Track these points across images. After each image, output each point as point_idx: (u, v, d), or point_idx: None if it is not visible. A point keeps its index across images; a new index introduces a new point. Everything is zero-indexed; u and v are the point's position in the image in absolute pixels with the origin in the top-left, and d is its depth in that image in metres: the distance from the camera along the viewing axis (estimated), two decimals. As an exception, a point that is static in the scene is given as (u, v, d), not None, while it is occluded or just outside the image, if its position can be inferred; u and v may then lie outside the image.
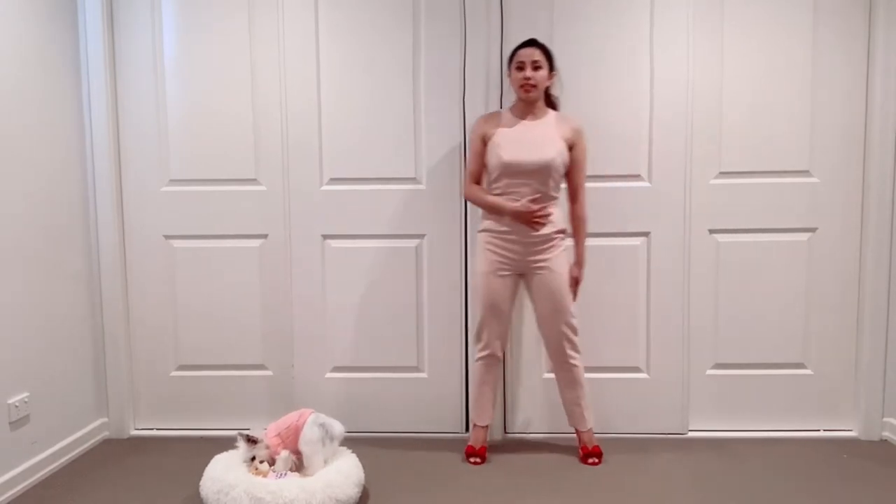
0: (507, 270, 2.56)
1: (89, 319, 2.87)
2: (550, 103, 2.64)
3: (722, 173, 2.85)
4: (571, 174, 2.58)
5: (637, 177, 2.85)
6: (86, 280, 2.85)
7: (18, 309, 2.45)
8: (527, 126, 2.54)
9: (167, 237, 2.95)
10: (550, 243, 2.53)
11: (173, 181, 2.93)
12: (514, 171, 2.48)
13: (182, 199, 2.94)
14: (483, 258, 2.59)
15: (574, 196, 2.62)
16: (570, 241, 2.68)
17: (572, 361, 2.60)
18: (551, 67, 2.56)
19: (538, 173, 2.48)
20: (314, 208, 2.91)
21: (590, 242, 2.87)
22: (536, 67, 2.51)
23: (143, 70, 2.89)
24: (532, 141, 2.50)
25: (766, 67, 2.81)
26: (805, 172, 2.85)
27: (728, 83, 2.83)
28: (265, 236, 2.94)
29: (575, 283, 2.60)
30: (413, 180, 2.89)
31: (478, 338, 2.66)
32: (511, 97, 2.68)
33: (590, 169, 2.85)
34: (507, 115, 2.59)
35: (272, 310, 2.96)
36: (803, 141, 2.83)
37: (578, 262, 2.62)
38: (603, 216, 2.84)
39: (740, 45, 2.81)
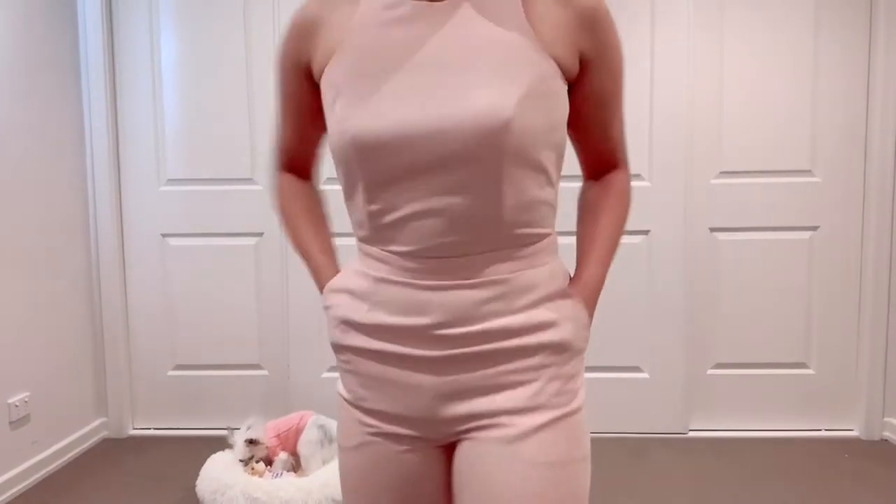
0: (407, 436, 0.91)
1: (88, 319, 2.88)
2: None
3: (723, 173, 2.83)
4: (589, 125, 0.94)
5: (637, 176, 2.83)
6: (85, 279, 2.86)
7: (19, 308, 2.46)
8: (429, 16, 0.84)
9: (164, 235, 2.96)
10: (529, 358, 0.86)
11: (171, 181, 2.94)
12: (392, 163, 0.82)
13: (179, 199, 2.94)
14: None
15: (605, 164, 0.99)
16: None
17: None
18: None
19: (468, 160, 0.80)
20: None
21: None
22: None
23: (141, 71, 2.89)
24: (445, 63, 0.81)
25: (767, 66, 2.79)
26: (806, 172, 2.82)
27: (728, 82, 2.80)
28: (261, 234, 2.94)
29: None
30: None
31: None
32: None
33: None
34: None
35: (268, 309, 2.96)
36: (804, 140, 2.81)
37: (591, 290, 0.92)
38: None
39: (741, 43, 2.79)
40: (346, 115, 0.82)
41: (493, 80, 0.79)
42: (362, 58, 0.83)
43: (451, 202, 0.81)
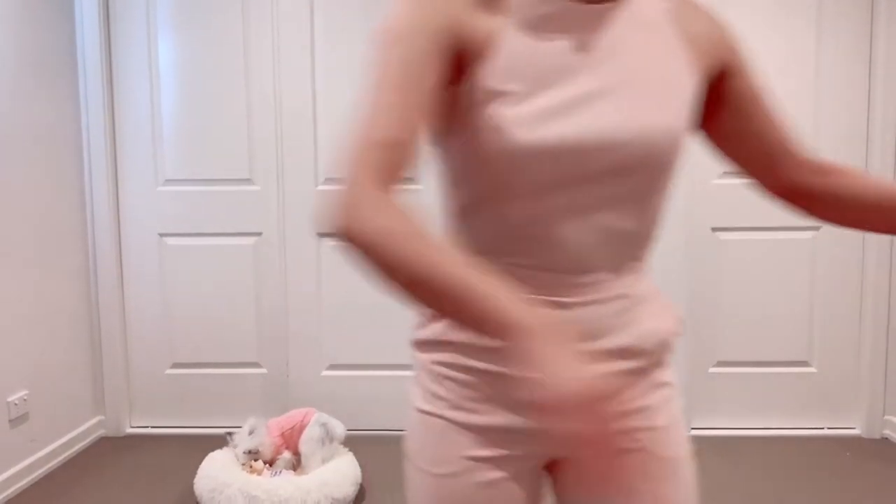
0: (514, 457, 0.82)
1: (86, 318, 2.88)
2: None
3: (725, 173, 2.83)
4: (760, 126, 0.89)
5: (636, 173, 2.82)
6: (82, 279, 2.86)
7: (17, 307, 2.46)
8: (588, 19, 0.76)
9: (162, 235, 2.96)
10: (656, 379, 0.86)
11: (168, 181, 2.93)
12: (558, 173, 0.75)
13: (177, 199, 2.94)
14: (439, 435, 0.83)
15: (795, 156, 0.90)
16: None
17: None
18: None
19: (639, 172, 0.78)
20: (310, 207, 2.90)
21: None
22: None
23: (138, 70, 2.89)
24: (614, 72, 0.77)
25: (769, 65, 2.78)
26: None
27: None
28: (259, 234, 2.94)
29: None
30: (411, 180, 2.88)
31: None
32: None
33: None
34: None
35: (267, 307, 2.95)
36: (806, 139, 2.80)
37: None
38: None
39: (742, 42, 2.78)
40: (511, 119, 0.73)
41: (664, 93, 0.78)
42: (521, 56, 0.74)
43: (609, 215, 0.77)
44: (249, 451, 2.27)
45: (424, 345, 0.84)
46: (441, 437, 0.81)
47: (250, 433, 2.30)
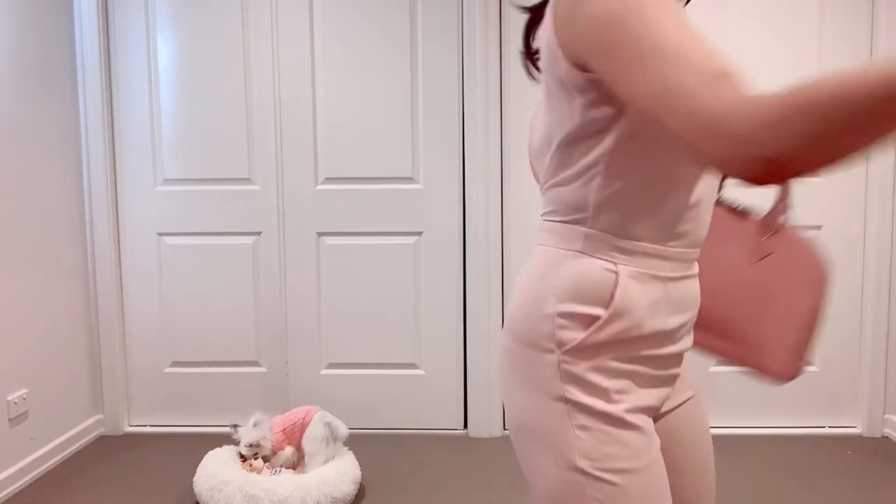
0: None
1: (85, 317, 2.88)
2: None
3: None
4: None
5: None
6: (81, 278, 2.86)
7: (17, 307, 2.46)
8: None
9: (161, 234, 2.96)
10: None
11: (167, 181, 2.93)
12: None
13: (176, 198, 2.93)
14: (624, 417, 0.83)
15: None
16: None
17: None
18: None
19: None
20: (309, 207, 2.90)
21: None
22: None
23: (137, 70, 2.89)
24: None
25: (769, 63, 2.78)
26: (807, 167, 2.81)
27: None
28: (259, 233, 2.94)
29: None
30: (410, 180, 2.88)
31: None
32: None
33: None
34: None
35: (266, 306, 2.95)
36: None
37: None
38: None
39: (742, 38, 2.78)
40: None
41: None
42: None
43: (714, 186, 0.87)
44: (251, 445, 2.26)
45: (602, 346, 0.82)
46: (635, 437, 0.82)
47: (254, 426, 2.30)
